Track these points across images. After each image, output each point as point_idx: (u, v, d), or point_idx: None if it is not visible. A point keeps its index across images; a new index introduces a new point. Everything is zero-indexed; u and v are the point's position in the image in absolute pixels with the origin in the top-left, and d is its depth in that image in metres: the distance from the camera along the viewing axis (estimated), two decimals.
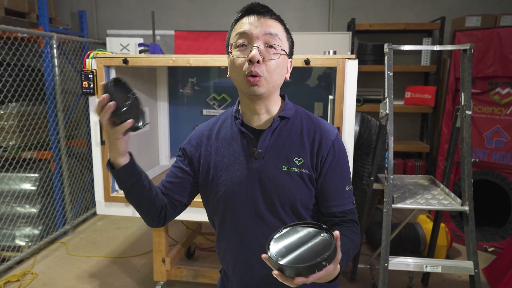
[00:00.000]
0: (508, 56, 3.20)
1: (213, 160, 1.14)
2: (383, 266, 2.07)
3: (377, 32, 4.13)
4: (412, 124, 4.41)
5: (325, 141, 1.10)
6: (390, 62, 2.16)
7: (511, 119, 3.25)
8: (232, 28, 1.09)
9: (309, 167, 1.09)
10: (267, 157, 1.09)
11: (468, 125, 2.12)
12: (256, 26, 1.02)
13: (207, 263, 3.13)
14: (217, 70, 2.94)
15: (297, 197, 1.09)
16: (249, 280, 1.15)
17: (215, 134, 1.17)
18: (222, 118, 1.20)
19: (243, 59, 1.03)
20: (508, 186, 3.28)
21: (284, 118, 1.12)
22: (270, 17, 1.04)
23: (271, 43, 1.03)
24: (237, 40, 1.04)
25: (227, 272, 1.23)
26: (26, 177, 3.51)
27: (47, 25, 3.64)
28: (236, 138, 1.13)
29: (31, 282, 2.80)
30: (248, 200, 1.10)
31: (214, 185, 1.13)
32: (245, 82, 1.03)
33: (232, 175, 1.11)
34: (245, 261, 1.15)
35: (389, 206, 2.10)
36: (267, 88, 1.04)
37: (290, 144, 1.10)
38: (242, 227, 1.12)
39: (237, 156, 1.11)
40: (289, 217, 1.10)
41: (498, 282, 2.70)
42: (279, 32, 1.04)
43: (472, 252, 2.08)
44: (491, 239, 3.35)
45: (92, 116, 2.27)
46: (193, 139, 1.20)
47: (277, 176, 1.08)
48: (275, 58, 1.03)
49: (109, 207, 2.35)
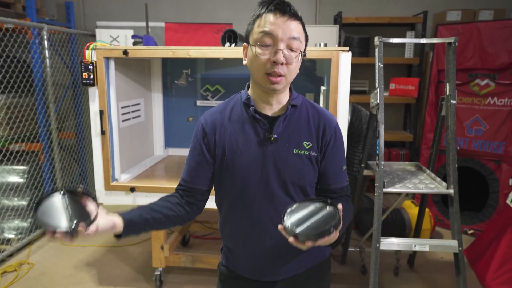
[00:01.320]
0: (487, 49, 3.37)
1: (228, 144, 1.22)
2: (375, 247, 2.20)
3: (362, 26, 4.26)
4: (396, 114, 4.58)
5: (328, 127, 1.23)
6: (381, 54, 2.27)
7: (489, 109, 3.43)
8: (255, 20, 1.14)
9: (316, 150, 1.22)
10: (280, 141, 1.19)
11: (453, 114, 2.26)
12: (280, 27, 1.09)
13: (202, 250, 3.21)
14: (210, 61, 3.00)
15: (306, 177, 1.21)
16: (260, 253, 1.26)
17: (227, 118, 1.24)
18: (231, 104, 1.28)
19: (266, 58, 1.11)
20: (486, 172, 3.47)
21: (294, 106, 1.23)
22: (294, 18, 1.11)
23: (293, 47, 1.11)
24: (261, 38, 1.11)
25: (233, 249, 1.32)
26: (14, 170, 3.49)
27: (35, 16, 3.60)
28: (249, 123, 1.21)
29: (28, 272, 2.83)
30: (263, 181, 1.20)
31: (230, 168, 1.22)
32: (266, 79, 1.13)
33: (248, 158, 1.20)
34: (257, 236, 1.25)
35: (380, 190, 2.22)
36: (285, 85, 1.17)
37: (299, 129, 1.21)
38: (256, 205, 1.22)
39: (252, 141, 1.20)
40: (297, 195, 1.22)
41: (477, 262, 2.88)
42: (300, 35, 1.13)
43: (456, 231, 2.23)
44: (471, 222, 3.55)
45: (92, 107, 2.30)
46: (206, 127, 1.25)
47: (289, 159, 1.19)
48: (296, 62, 1.14)
49: (110, 196, 2.40)
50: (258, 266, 1.28)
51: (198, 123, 1.28)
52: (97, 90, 2.28)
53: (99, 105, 2.29)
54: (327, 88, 2.24)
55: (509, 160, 3.30)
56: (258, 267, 1.29)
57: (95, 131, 2.33)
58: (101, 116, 2.28)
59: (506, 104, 3.34)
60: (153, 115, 3.03)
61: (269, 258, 1.27)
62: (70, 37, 4.13)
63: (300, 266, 1.30)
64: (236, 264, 1.33)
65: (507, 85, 3.32)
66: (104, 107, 2.29)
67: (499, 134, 3.39)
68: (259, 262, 1.28)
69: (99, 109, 2.28)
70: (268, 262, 1.27)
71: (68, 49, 4.13)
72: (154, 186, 2.35)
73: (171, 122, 3.11)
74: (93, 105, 2.30)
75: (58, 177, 3.64)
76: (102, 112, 2.28)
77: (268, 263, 1.27)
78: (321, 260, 1.35)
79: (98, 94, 2.28)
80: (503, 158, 3.36)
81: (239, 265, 1.32)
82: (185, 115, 3.08)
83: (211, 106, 3.05)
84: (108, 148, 2.33)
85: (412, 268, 2.95)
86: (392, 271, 2.87)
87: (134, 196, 2.37)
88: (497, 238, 2.79)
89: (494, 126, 3.41)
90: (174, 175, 2.66)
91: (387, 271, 2.88)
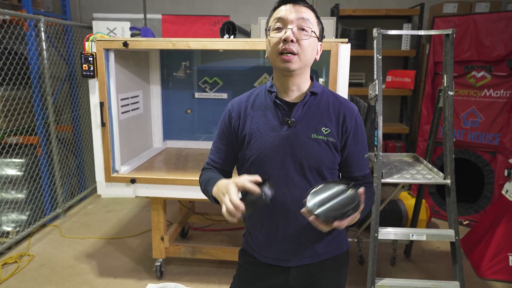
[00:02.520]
0: (483, 41, 3.40)
1: (249, 127, 1.28)
2: (373, 236, 2.23)
3: (359, 18, 4.27)
4: (392, 106, 4.61)
5: (349, 115, 1.28)
6: (379, 46, 2.29)
7: (485, 100, 3.47)
8: (270, 15, 1.25)
9: (335, 136, 1.25)
10: (298, 126, 1.24)
11: (450, 105, 2.29)
12: (291, 12, 1.18)
13: (201, 241, 3.24)
14: (208, 54, 3.01)
15: (323, 161, 1.25)
16: (274, 235, 1.30)
17: (250, 104, 1.32)
18: (256, 92, 1.35)
19: (278, 39, 1.18)
20: (482, 163, 3.51)
21: (314, 94, 1.28)
22: (303, 5, 1.21)
23: (303, 26, 1.18)
24: (274, 24, 1.20)
25: (251, 231, 1.37)
26: (11, 163, 3.49)
27: (31, 8, 3.58)
28: (271, 108, 1.27)
29: (29, 263, 2.84)
30: (279, 163, 1.24)
31: (249, 150, 1.27)
32: (279, 59, 1.19)
33: (266, 141, 1.25)
34: (273, 219, 1.28)
35: (378, 181, 2.25)
36: (300, 65, 1.20)
37: (318, 116, 1.26)
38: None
39: (272, 124, 1.25)
40: (314, 178, 1.25)
41: (472, 252, 2.93)
42: (310, 18, 1.20)
43: (453, 221, 2.27)
44: (466, 213, 3.60)
45: (92, 99, 2.30)
46: (232, 112, 1.33)
47: (306, 143, 1.23)
48: (306, 38, 1.18)
49: (110, 187, 2.41)
50: (273, 249, 1.32)
51: (225, 109, 1.36)
52: (97, 82, 2.27)
53: (99, 97, 2.29)
54: (326, 80, 2.25)
55: (504, 152, 3.34)
56: (272, 251, 1.32)
57: (95, 123, 2.33)
58: (101, 108, 2.28)
59: (502, 96, 3.38)
60: (151, 107, 3.04)
61: (283, 242, 1.30)
62: (66, 29, 4.11)
63: (314, 255, 1.32)
64: (253, 246, 1.37)
65: (503, 77, 3.36)
66: (104, 99, 2.29)
67: (495, 125, 3.43)
68: (274, 245, 1.31)
69: (100, 100, 2.29)
70: (282, 246, 1.30)
71: (64, 41, 4.11)
72: (155, 178, 2.37)
73: (169, 114, 3.11)
74: (93, 97, 2.30)
75: (56, 170, 3.64)
76: (102, 104, 2.28)
77: (282, 247, 1.30)
78: (338, 253, 1.37)
79: (98, 85, 2.28)
80: (498, 150, 3.40)
81: (256, 247, 1.36)
82: (184, 107, 3.09)
83: (209, 99, 3.06)
84: (108, 139, 2.33)
85: (408, 258, 3.00)
86: (389, 261, 2.91)
87: (134, 188, 2.38)
88: (492, 228, 2.84)
89: (489, 117, 3.45)
90: (173, 166, 2.67)
91: (384, 261, 2.92)
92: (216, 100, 3.05)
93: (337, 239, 1.35)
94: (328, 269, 1.35)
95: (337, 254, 1.36)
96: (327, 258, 1.34)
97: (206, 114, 3.09)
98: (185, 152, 3.01)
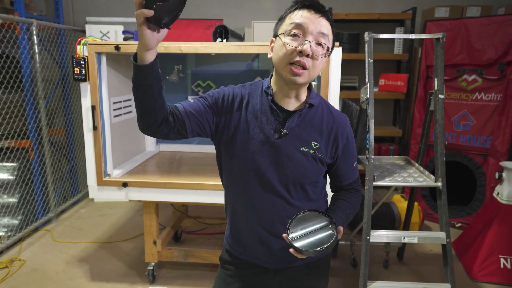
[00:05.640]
0: (474, 45, 3.43)
1: (241, 127, 1.23)
2: (365, 239, 2.24)
3: (352, 22, 4.29)
4: (385, 110, 4.63)
5: (341, 133, 1.27)
6: (370, 49, 2.30)
7: (477, 104, 3.50)
8: (286, 15, 1.17)
9: (323, 152, 1.25)
10: (290, 136, 1.22)
11: (441, 108, 2.31)
12: (312, 22, 1.12)
13: (194, 245, 3.22)
14: (201, 57, 3.01)
15: (307, 175, 1.24)
16: (250, 235, 1.30)
17: (245, 102, 1.25)
18: (252, 89, 1.28)
19: (293, 48, 1.12)
20: (474, 166, 3.54)
21: (312, 106, 1.25)
22: (325, 18, 1.15)
23: (321, 41, 1.13)
24: (292, 29, 1.13)
25: (231, 227, 1.37)
26: (3, 167, 3.46)
27: (23, 11, 3.57)
28: (265, 112, 1.23)
29: (20, 268, 2.82)
30: (264, 168, 1.22)
31: (236, 149, 1.23)
32: (288, 69, 1.13)
33: (255, 144, 1.22)
34: (250, 219, 1.29)
35: (370, 184, 2.26)
36: (307, 80, 1.17)
37: (311, 129, 1.24)
38: (251, 192, 1.25)
39: (264, 129, 1.22)
40: (295, 189, 1.25)
41: (464, 254, 2.95)
42: (329, 34, 1.15)
43: (444, 223, 2.28)
44: (458, 215, 3.62)
45: (84, 102, 2.30)
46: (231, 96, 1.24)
47: (295, 154, 1.22)
48: (321, 56, 1.14)
49: (102, 191, 2.40)
50: (249, 248, 1.32)
51: (228, 88, 1.27)
52: (89, 86, 2.27)
53: (91, 100, 2.28)
54: (318, 84, 2.26)
55: (496, 154, 3.37)
56: (248, 249, 1.33)
57: (87, 126, 2.33)
58: (93, 111, 2.28)
59: (493, 99, 3.41)
60: None
61: (259, 243, 1.30)
62: (59, 33, 4.09)
63: (290, 261, 1.31)
64: (233, 245, 1.38)
65: (494, 80, 3.39)
66: (96, 103, 2.28)
67: (486, 128, 3.45)
68: (250, 244, 1.32)
69: (91, 104, 2.28)
70: (257, 247, 1.31)
71: (57, 45, 4.10)
72: (147, 181, 2.36)
73: None
74: (85, 101, 2.30)
75: (48, 174, 3.62)
76: (94, 107, 2.28)
77: (261, 249, 1.31)
78: (317, 259, 1.36)
79: (90, 89, 2.27)
80: (489, 152, 3.42)
81: (235, 246, 1.37)
82: None
83: None
84: (100, 143, 2.33)
85: (401, 261, 3.01)
86: (382, 264, 2.92)
87: (126, 191, 2.37)
88: (483, 230, 2.86)
89: (481, 121, 3.48)
90: (166, 170, 2.66)
91: (377, 264, 2.93)
92: None
93: None
94: (307, 272, 1.35)
95: (316, 259, 1.36)
96: (306, 263, 1.33)
97: None
98: (178, 155, 3.01)
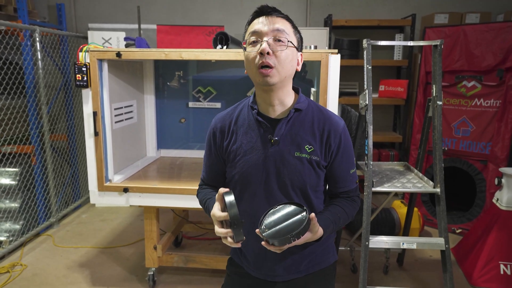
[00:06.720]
0: (473, 51, 3.45)
1: (233, 145, 1.27)
2: (364, 245, 2.25)
3: (352, 28, 4.33)
4: (385, 116, 4.65)
5: (334, 132, 1.25)
6: (369, 56, 2.33)
7: (476, 110, 3.51)
8: (246, 29, 1.22)
9: (318, 154, 1.24)
10: (282, 144, 1.23)
11: (439, 114, 2.32)
12: (265, 24, 1.15)
13: (194, 250, 3.23)
14: (202, 63, 3.04)
15: (306, 180, 1.24)
16: (259, 250, 1.28)
17: (234, 121, 1.29)
18: (239, 107, 1.32)
19: (255, 53, 1.15)
20: (473, 172, 3.54)
21: (298, 110, 1.25)
22: (277, 16, 1.17)
23: (279, 37, 1.14)
24: (249, 37, 1.18)
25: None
26: (5, 172, 3.49)
27: (26, 18, 3.61)
28: (253, 126, 1.25)
29: (21, 273, 2.83)
30: (263, 181, 1.24)
31: (233, 167, 1.27)
32: (258, 74, 1.15)
33: (250, 159, 1.24)
34: (257, 236, 1.27)
35: (369, 190, 2.28)
36: (279, 78, 1.16)
37: (302, 133, 1.24)
38: (255, 205, 1.26)
39: (255, 143, 1.24)
40: (297, 196, 1.25)
41: (464, 260, 2.95)
42: (286, 28, 1.17)
43: (443, 229, 2.29)
44: (459, 221, 3.62)
45: (85, 108, 2.32)
46: (216, 130, 1.32)
47: (290, 161, 1.22)
48: (282, 49, 1.15)
49: (103, 197, 2.41)
50: (258, 263, 1.32)
51: (210, 127, 1.35)
52: (90, 92, 2.30)
53: (93, 106, 2.31)
54: (317, 90, 2.29)
55: (495, 160, 3.37)
56: (258, 265, 1.32)
57: (88, 132, 2.35)
58: (95, 117, 2.30)
59: (492, 105, 3.42)
60: (145, 117, 3.06)
61: (267, 257, 1.29)
62: (62, 39, 4.14)
63: (299, 270, 1.31)
64: (241, 258, 1.38)
65: (493, 86, 3.40)
66: (97, 109, 2.31)
67: (485, 134, 3.47)
68: (258, 259, 1.32)
69: (93, 110, 2.31)
70: (266, 261, 1.30)
71: (60, 51, 4.14)
72: (148, 187, 2.38)
73: (163, 124, 3.13)
74: (86, 107, 2.32)
75: (50, 179, 3.65)
76: (95, 113, 2.30)
77: (266, 262, 1.30)
78: (324, 266, 1.36)
79: (91, 95, 2.30)
80: (489, 158, 3.43)
81: (244, 260, 1.37)
82: (178, 116, 3.11)
83: (203, 108, 3.08)
84: (101, 149, 2.35)
85: (401, 266, 3.01)
86: (381, 270, 2.92)
87: (127, 197, 2.39)
88: (483, 236, 2.86)
89: (480, 126, 3.49)
90: (167, 175, 2.68)
91: (377, 269, 2.93)
92: (210, 110, 3.08)
93: (324, 253, 1.35)
94: (314, 282, 1.35)
95: (323, 267, 1.36)
96: (313, 271, 1.34)
97: (200, 123, 3.11)
98: (179, 161, 3.03)
